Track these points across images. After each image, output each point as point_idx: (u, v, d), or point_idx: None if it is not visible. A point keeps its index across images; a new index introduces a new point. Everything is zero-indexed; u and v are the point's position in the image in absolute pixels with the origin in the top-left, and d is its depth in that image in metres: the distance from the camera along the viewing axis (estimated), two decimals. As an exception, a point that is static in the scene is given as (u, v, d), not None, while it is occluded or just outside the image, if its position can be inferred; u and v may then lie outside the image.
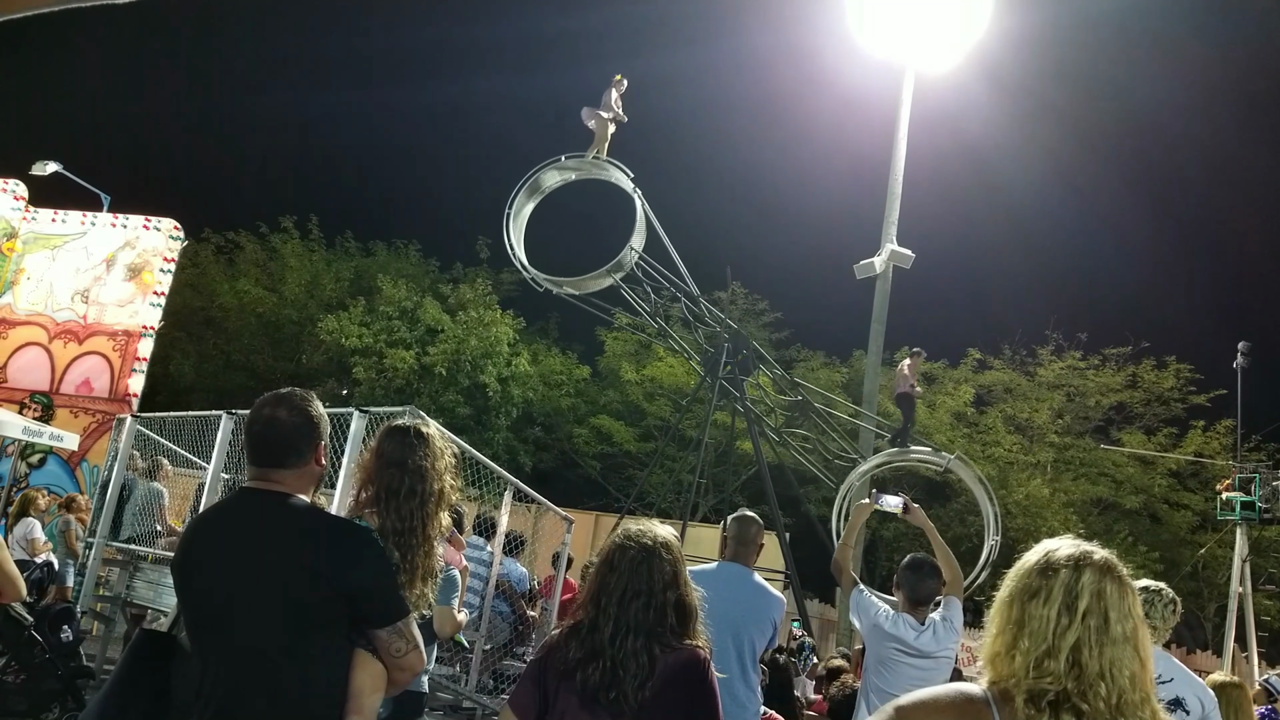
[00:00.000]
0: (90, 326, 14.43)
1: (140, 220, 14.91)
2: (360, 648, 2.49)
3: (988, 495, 16.65)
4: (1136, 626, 1.77)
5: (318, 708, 2.40)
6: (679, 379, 27.54)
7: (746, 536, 4.80)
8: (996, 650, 1.83)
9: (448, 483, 3.02)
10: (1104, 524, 27.32)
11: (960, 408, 28.33)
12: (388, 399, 23.65)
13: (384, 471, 2.93)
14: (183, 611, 2.60)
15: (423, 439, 3.00)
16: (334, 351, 27.11)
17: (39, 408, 13.91)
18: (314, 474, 2.61)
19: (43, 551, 9.28)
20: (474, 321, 26.29)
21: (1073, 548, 1.85)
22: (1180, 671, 4.08)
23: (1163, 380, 28.33)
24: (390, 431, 3.05)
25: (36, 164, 17.20)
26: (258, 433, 2.55)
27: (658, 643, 2.56)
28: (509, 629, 8.08)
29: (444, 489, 2.99)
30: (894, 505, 4.86)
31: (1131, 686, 1.73)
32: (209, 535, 2.57)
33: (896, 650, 4.45)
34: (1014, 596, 1.84)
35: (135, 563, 8.41)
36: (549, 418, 29.06)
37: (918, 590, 4.58)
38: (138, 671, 2.76)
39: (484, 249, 29.76)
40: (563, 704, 2.57)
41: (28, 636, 7.24)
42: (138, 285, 14.54)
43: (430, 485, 2.94)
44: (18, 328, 14.63)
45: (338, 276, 29.74)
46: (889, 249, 18.91)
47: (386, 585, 2.53)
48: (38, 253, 14.96)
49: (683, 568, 2.72)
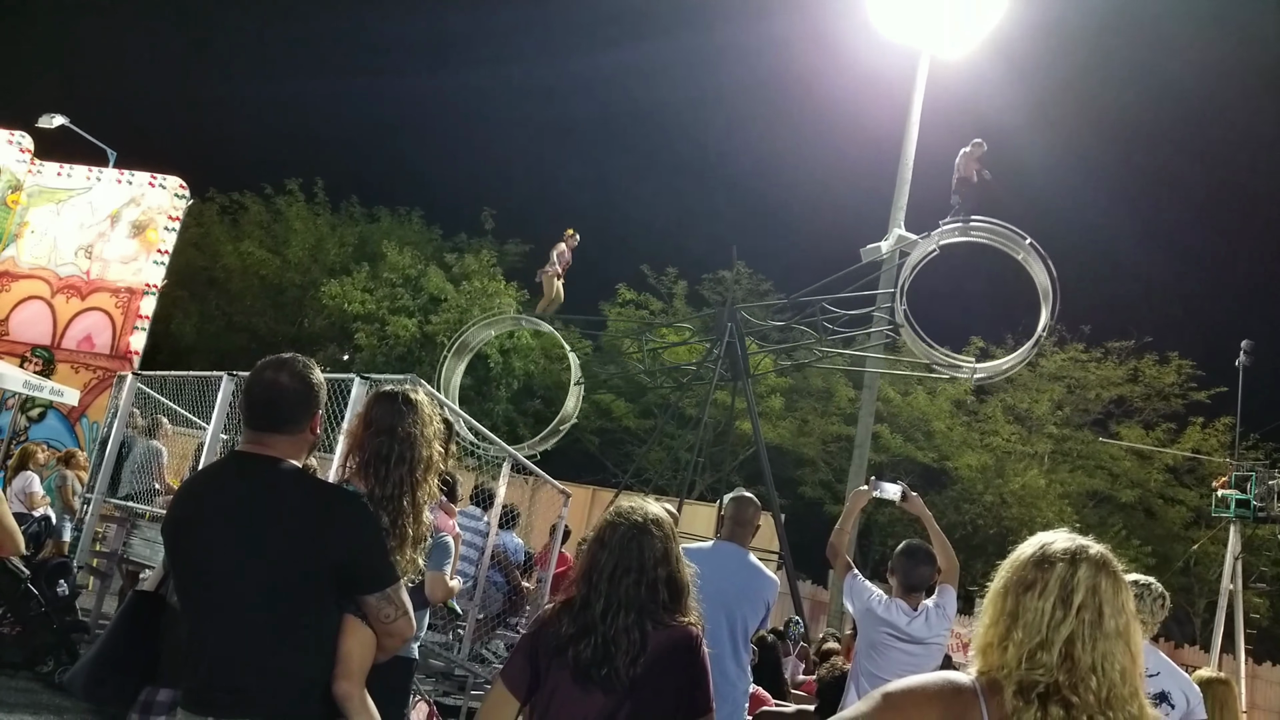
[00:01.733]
0: (93, 282, 14.41)
1: (146, 177, 14.84)
2: (349, 613, 2.49)
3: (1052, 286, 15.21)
4: (1129, 622, 1.78)
5: (307, 672, 2.41)
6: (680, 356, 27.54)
7: (743, 517, 4.82)
8: (989, 641, 1.83)
9: (436, 450, 3.01)
10: (1098, 516, 27.39)
11: (960, 396, 28.34)
12: (389, 366, 23.67)
13: (373, 439, 2.93)
14: (172, 573, 2.60)
15: (411, 405, 2.99)
16: (336, 316, 27.09)
17: (40, 362, 13.91)
18: (308, 441, 2.62)
19: (40, 505, 9.31)
20: (477, 292, 26.26)
21: (1069, 541, 1.85)
22: (1166, 666, 4.10)
23: (1164, 375, 28.33)
24: (379, 398, 3.05)
25: (43, 117, 17.10)
26: (257, 396, 2.55)
27: (649, 619, 2.57)
28: (503, 599, 8.13)
29: (432, 456, 2.99)
30: (892, 493, 4.86)
31: (1122, 680, 1.73)
32: (200, 498, 2.57)
33: (888, 635, 4.47)
34: (1008, 588, 1.84)
35: (133, 520, 8.46)
36: (549, 391, 29.08)
37: (911, 576, 4.59)
38: (129, 631, 2.78)
39: (489, 219, 29.70)
40: (554, 680, 2.58)
41: (24, 589, 7.29)
42: (142, 243, 14.51)
43: (419, 452, 2.93)
44: (20, 281, 14.61)
45: (342, 241, 29.67)
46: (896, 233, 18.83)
47: (376, 551, 2.53)
48: (42, 206, 14.91)
49: (674, 544, 2.73)
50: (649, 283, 29.46)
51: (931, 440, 27.56)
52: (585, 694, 2.53)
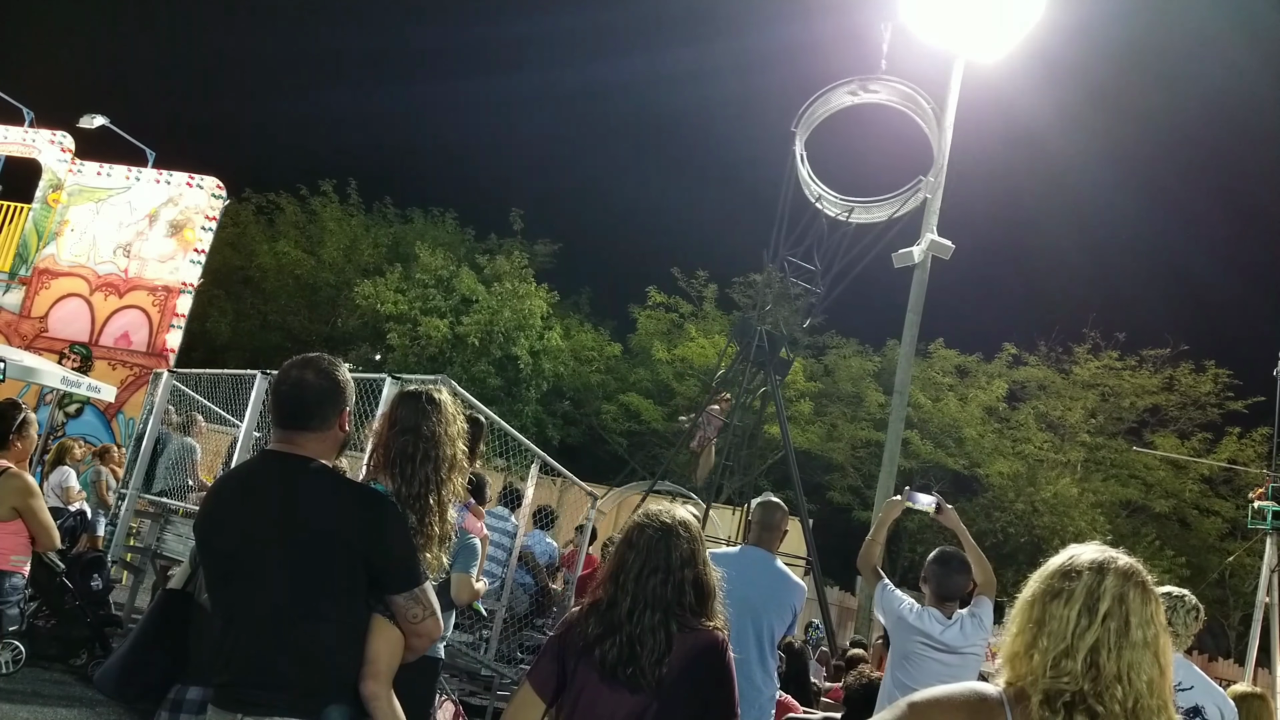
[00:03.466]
0: (131, 280, 14.64)
1: (184, 177, 15.06)
2: (378, 613, 2.51)
3: None
4: (1158, 634, 1.76)
5: (335, 671, 2.43)
6: (710, 360, 27.50)
7: (771, 522, 4.79)
8: (1016, 650, 1.82)
9: (460, 448, 3.04)
10: (1132, 526, 27.03)
11: (993, 402, 28.07)
12: (420, 366, 23.81)
13: (397, 438, 2.96)
14: (203, 570, 2.64)
15: (435, 405, 3.02)
16: (369, 316, 27.29)
17: (78, 358, 14.14)
18: (337, 438, 2.64)
19: (76, 500, 9.45)
20: (508, 293, 26.36)
21: (1098, 552, 1.84)
22: (1200, 679, 4.03)
23: (1200, 384, 27.90)
24: (403, 397, 3.08)
25: (84, 117, 17.37)
26: (284, 394, 2.58)
27: (675, 619, 2.58)
28: (529, 600, 8.15)
29: (456, 454, 3.01)
30: (926, 504, 4.73)
31: (1149, 692, 1.72)
32: (231, 496, 2.60)
33: (922, 644, 4.38)
34: (1036, 598, 1.83)
35: (167, 515, 8.56)
36: (578, 393, 29.13)
37: (945, 585, 4.51)
38: (160, 628, 2.81)
39: (517, 220, 29.80)
40: (581, 679, 2.59)
41: (59, 583, 7.40)
42: (179, 242, 14.72)
43: (443, 451, 2.96)
44: (60, 278, 14.88)
45: (375, 242, 29.91)
46: (929, 239, 18.67)
47: (405, 551, 2.55)
48: (82, 205, 15.17)
49: (700, 547, 2.74)
50: (679, 285, 29.43)
51: (962, 447, 27.30)
52: (612, 693, 2.54)
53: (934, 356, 28.53)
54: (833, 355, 29.19)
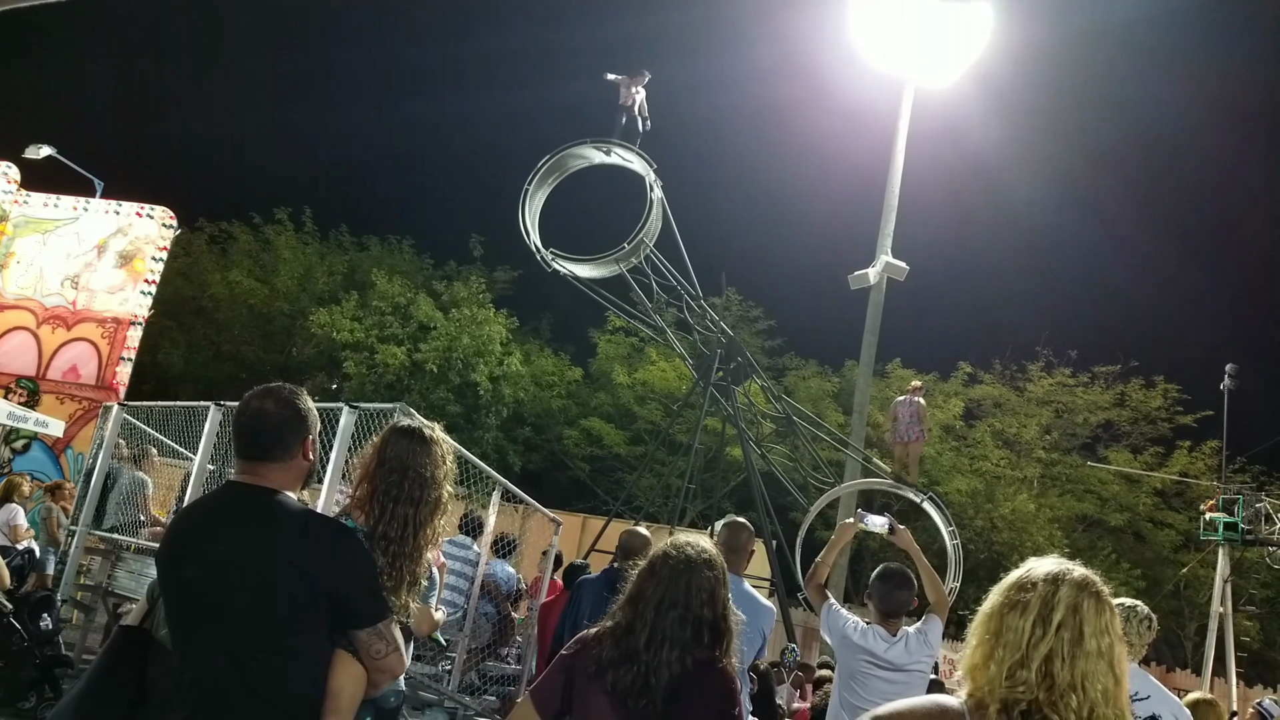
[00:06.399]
0: (79, 313, 14.37)
1: (134, 207, 14.85)
2: (341, 648, 2.48)
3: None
4: (1114, 643, 1.79)
5: (297, 706, 2.39)
6: (670, 383, 27.55)
7: (737, 543, 4.78)
8: (975, 661, 1.85)
9: (446, 491, 2.97)
10: (1088, 540, 27.43)
11: (950, 420, 28.41)
12: (378, 394, 23.60)
13: (385, 476, 2.88)
14: (165, 605, 2.59)
15: (427, 445, 2.95)
16: (325, 345, 27.05)
17: (25, 393, 13.84)
18: (301, 468, 2.60)
19: (25, 538, 9.22)
20: (467, 319, 26.27)
21: (1054, 564, 1.88)
22: (1156, 689, 4.09)
23: (1150, 400, 28.49)
24: (395, 433, 3.00)
25: (30, 147, 17.12)
26: (245, 424, 2.55)
27: (691, 655, 2.58)
28: (492, 629, 8.07)
29: (441, 496, 2.94)
30: (879, 525, 4.78)
31: (1104, 701, 1.75)
32: (194, 529, 2.56)
33: (867, 663, 4.39)
34: (994, 610, 1.87)
35: (118, 552, 8.38)
36: (539, 418, 29.03)
37: (888, 601, 4.51)
38: (115, 666, 2.74)
39: (477, 247, 29.74)
40: (590, 702, 2.58)
41: (6, 624, 7.20)
42: (129, 273, 14.49)
43: (428, 493, 2.89)
44: (6, 311, 14.56)
45: (331, 270, 29.68)
46: (883, 261, 18.95)
47: (370, 586, 2.52)
48: (29, 236, 14.88)
49: (723, 589, 2.72)
50: (638, 310, 29.50)
51: (920, 465, 27.55)
52: None
53: (892, 376, 28.83)
54: (792, 376, 29.40)
